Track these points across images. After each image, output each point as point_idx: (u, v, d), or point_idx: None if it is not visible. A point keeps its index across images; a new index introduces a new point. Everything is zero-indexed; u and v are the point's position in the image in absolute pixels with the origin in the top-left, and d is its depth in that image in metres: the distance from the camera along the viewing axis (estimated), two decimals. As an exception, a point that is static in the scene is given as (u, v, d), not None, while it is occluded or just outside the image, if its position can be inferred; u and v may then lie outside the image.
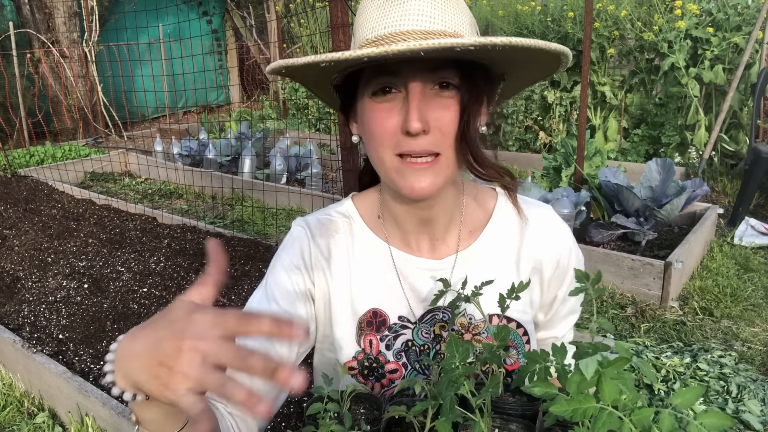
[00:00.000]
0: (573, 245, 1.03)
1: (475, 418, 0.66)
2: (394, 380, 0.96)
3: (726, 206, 4.45)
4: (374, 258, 0.99)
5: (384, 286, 0.98)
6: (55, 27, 8.18)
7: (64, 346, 2.67)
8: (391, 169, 0.85)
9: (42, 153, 6.51)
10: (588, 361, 0.54)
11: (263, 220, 4.81)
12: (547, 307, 1.05)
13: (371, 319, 0.97)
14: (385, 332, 0.97)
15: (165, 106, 9.01)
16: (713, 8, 5.30)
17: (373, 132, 0.85)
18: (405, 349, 0.97)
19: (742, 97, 5.12)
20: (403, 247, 0.99)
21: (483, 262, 0.98)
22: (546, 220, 1.02)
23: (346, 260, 0.99)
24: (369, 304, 0.98)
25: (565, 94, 6.35)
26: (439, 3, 0.80)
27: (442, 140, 0.82)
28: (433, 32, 0.78)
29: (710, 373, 2.44)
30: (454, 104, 0.82)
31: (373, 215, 1.01)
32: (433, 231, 0.97)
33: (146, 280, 3.25)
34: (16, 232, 4.17)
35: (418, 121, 0.79)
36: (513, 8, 6.84)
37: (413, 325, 0.97)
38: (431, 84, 0.81)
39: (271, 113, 9.23)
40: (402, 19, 0.79)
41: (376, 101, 0.83)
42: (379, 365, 0.96)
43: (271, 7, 9.33)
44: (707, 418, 0.50)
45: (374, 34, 0.81)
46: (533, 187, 3.83)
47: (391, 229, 0.99)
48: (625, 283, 3.25)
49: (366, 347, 0.97)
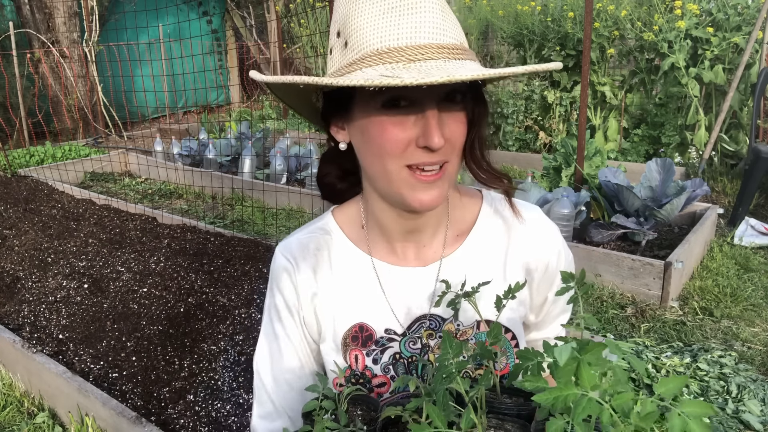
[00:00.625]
0: (562, 246, 1.02)
1: (469, 413, 0.66)
2: (381, 394, 0.96)
3: (726, 206, 4.46)
4: (356, 272, 0.98)
5: (368, 299, 0.97)
6: (55, 27, 8.18)
7: (64, 346, 2.67)
8: (399, 181, 0.84)
9: (42, 153, 6.51)
10: (561, 348, 0.54)
11: (263, 220, 4.81)
12: (538, 308, 1.05)
13: (357, 334, 0.97)
14: (372, 347, 0.96)
15: (165, 106, 9.01)
16: (713, 8, 5.30)
17: (382, 144, 0.82)
18: (393, 362, 0.96)
19: (742, 97, 5.12)
20: (387, 256, 0.98)
21: (469, 266, 0.97)
22: (534, 222, 1.01)
23: (330, 277, 0.98)
24: (354, 319, 0.97)
25: (565, 94, 6.35)
26: (446, 12, 0.80)
27: (451, 151, 0.84)
28: (447, 46, 0.77)
29: (710, 373, 2.44)
30: (462, 116, 0.84)
31: (356, 227, 1.01)
32: (420, 239, 0.97)
33: (146, 280, 3.25)
34: (16, 232, 4.17)
35: (442, 137, 0.79)
36: (513, 8, 6.84)
37: (400, 337, 0.97)
38: (444, 98, 0.82)
39: (271, 113, 9.23)
40: (417, 31, 0.77)
41: (388, 114, 0.81)
42: (365, 380, 0.96)
43: (271, 7, 9.34)
44: (688, 407, 0.49)
45: (385, 44, 0.77)
46: (533, 187, 3.83)
47: (375, 239, 0.99)
48: (625, 283, 3.25)
49: (352, 363, 0.96)
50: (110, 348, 2.64)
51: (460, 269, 0.97)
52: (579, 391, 0.52)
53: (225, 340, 2.66)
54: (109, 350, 2.62)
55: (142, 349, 2.62)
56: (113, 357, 2.57)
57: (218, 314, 2.87)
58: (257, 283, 3.13)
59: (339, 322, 0.97)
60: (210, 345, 2.63)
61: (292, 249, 1.01)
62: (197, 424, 2.15)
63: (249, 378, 2.43)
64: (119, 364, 2.52)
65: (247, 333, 2.70)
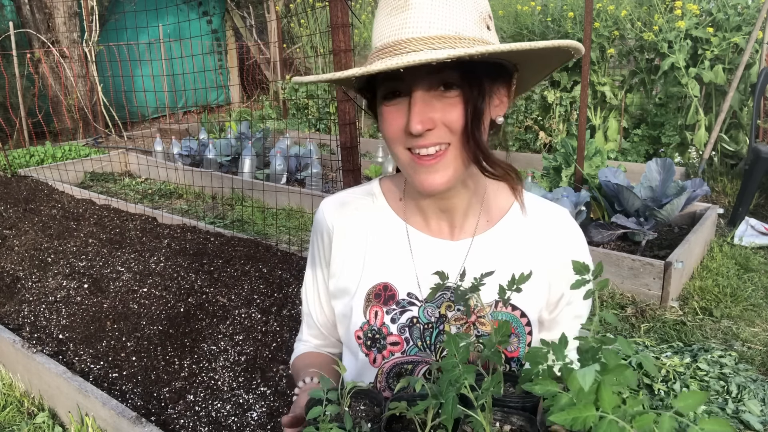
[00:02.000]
0: (584, 248, 1.06)
1: (477, 415, 0.66)
2: (394, 352, 1.01)
3: (726, 206, 4.45)
4: (390, 235, 1.05)
5: (397, 262, 1.03)
6: (55, 27, 8.18)
7: (64, 346, 2.67)
8: (405, 164, 0.92)
9: (42, 153, 6.51)
10: (586, 371, 0.53)
11: (263, 220, 4.81)
12: (553, 305, 1.07)
13: (380, 292, 1.03)
14: (393, 306, 1.02)
15: (165, 106, 9.01)
16: (713, 8, 5.30)
17: (385, 132, 0.92)
18: (410, 325, 1.01)
19: (742, 97, 5.12)
20: (422, 227, 1.05)
21: (497, 248, 1.02)
22: (562, 222, 1.05)
23: (363, 235, 1.06)
24: (380, 277, 1.03)
25: (565, 94, 6.35)
26: (440, 4, 0.83)
27: (450, 134, 0.88)
28: (433, 38, 0.82)
29: (710, 373, 2.44)
30: (458, 102, 0.86)
31: (396, 197, 1.09)
32: (452, 218, 1.03)
33: (146, 280, 3.25)
34: (16, 232, 4.17)
35: (419, 123, 0.85)
36: (513, 8, 6.84)
37: (421, 303, 1.02)
38: (436, 85, 0.86)
39: (271, 113, 9.23)
40: (402, 28, 0.84)
41: (386, 104, 0.90)
42: (381, 336, 1.01)
43: (271, 7, 9.33)
44: (708, 425, 0.49)
45: (381, 42, 0.87)
46: (533, 187, 3.83)
47: (412, 211, 1.06)
48: (625, 283, 3.25)
49: (371, 318, 1.02)
50: (110, 348, 2.64)
51: (488, 249, 1.02)
52: (599, 413, 0.52)
53: (225, 340, 2.66)
54: (109, 350, 2.62)
55: (142, 349, 2.62)
56: (113, 357, 2.57)
57: (218, 314, 2.87)
58: (257, 283, 3.13)
59: (365, 277, 1.04)
60: (210, 345, 2.63)
61: (334, 203, 1.10)
62: (197, 424, 2.15)
63: (249, 378, 2.43)
64: (119, 364, 2.52)
65: (247, 333, 2.69)
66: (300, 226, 4.57)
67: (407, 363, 1.01)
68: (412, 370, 1.01)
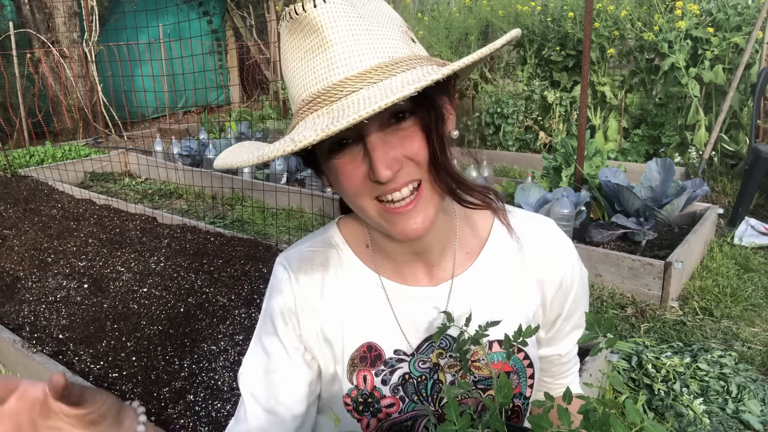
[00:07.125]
0: (576, 261, 1.00)
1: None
2: (390, 414, 0.93)
3: (726, 206, 4.45)
4: (365, 290, 0.94)
5: (377, 319, 0.93)
6: (55, 27, 8.18)
7: (64, 346, 2.67)
8: (376, 216, 0.81)
9: (42, 153, 6.51)
10: None
11: (263, 220, 4.81)
12: (550, 325, 1.02)
13: (365, 354, 0.93)
14: (381, 367, 0.93)
15: (165, 106, 9.01)
16: (713, 8, 5.30)
17: (345, 187, 0.80)
18: (402, 383, 0.93)
19: (742, 97, 5.12)
20: (396, 277, 0.94)
21: (481, 286, 0.94)
22: (547, 237, 0.98)
23: (335, 293, 0.94)
24: (362, 338, 0.93)
25: (565, 94, 6.35)
26: (362, 32, 0.73)
27: (417, 169, 0.78)
28: (367, 72, 0.71)
29: (710, 373, 2.44)
30: (416, 131, 0.77)
31: (361, 244, 0.96)
32: (428, 259, 0.93)
33: (146, 280, 3.25)
34: (16, 232, 4.17)
35: (386, 168, 0.74)
36: (513, 8, 6.84)
37: (410, 357, 0.93)
38: (387, 119, 0.75)
39: (271, 113, 9.22)
40: (330, 70, 0.72)
41: (336, 158, 0.78)
42: (374, 400, 0.92)
43: (271, 7, 9.34)
44: None
45: (308, 92, 0.74)
46: (533, 187, 3.83)
47: (381, 260, 0.95)
48: (625, 283, 3.25)
49: (359, 383, 0.92)
50: (110, 348, 2.64)
51: (471, 289, 0.94)
52: None
53: (225, 340, 2.66)
54: (109, 350, 2.62)
55: (142, 349, 2.62)
56: (113, 357, 2.57)
57: (218, 314, 2.87)
58: (257, 283, 3.13)
59: (347, 341, 0.93)
60: (210, 345, 2.63)
61: (292, 262, 0.95)
62: (197, 424, 2.15)
63: (249, 378, 2.43)
64: (119, 364, 2.52)
65: (247, 333, 2.70)
66: (300, 226, 4.56)
67: (406, 420, 0.93)
68: (411, 425, 0.93)
